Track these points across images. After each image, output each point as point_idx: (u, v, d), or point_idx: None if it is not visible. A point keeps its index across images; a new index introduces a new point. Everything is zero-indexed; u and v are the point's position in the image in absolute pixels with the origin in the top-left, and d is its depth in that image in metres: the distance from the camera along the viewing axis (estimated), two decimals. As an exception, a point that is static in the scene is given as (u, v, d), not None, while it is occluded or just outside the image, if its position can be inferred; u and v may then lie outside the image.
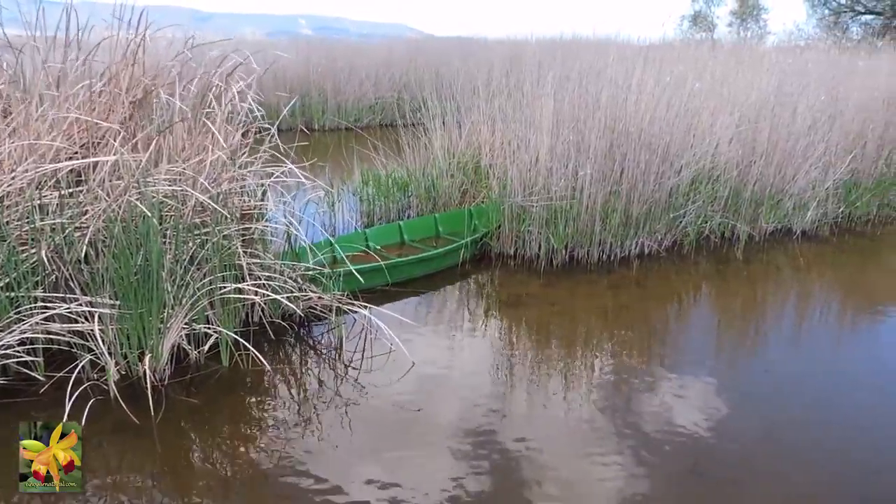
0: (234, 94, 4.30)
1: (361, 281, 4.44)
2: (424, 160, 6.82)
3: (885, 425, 3.58)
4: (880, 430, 3.54)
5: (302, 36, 19.69)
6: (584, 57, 6.62)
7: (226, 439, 3.26)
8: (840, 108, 7.31)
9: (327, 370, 3.94)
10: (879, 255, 6.75)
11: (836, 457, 3.28)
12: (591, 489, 2.97)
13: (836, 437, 3.46)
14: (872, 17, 23.69)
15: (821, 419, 3.64)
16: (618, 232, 5.75)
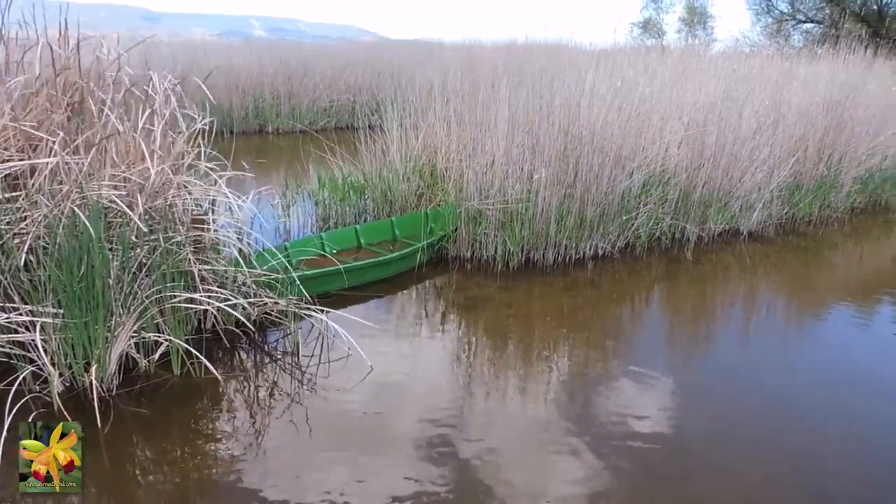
0: (184, 96, 4.20)
1: (315, 287, 4.39)
2: (381, 163, 6.79)
3: (829, 418, 3.72)
4: (826, 422, 3.68)
5: (254, 37, 19.39)
6: (538, 61, 6.70)
7: (178, 450, 3.17)
8: (783, 113, 7.58)
9: (283, 376, 3.88)
10: (821, 254, 7.01)
11: (784, 450, 3.39)
12: (549, 489, 2.99)
13: (784, 430, 3.58)
14: (813, 25, 24.65)
15: (769, 414, 3.75)
16: (572, 234, 5.83)
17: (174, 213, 3.85)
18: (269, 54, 14.47)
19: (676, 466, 3.21)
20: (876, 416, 3.78)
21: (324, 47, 18.75)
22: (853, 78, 8.79)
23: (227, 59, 13.43)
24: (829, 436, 3.55)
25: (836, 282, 6.42)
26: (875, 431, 3.62)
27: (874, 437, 3.57)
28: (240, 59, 13.81)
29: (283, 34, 45.68)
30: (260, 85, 13.61)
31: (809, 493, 3.09)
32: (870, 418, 3.74)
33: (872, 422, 3.71)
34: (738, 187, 6.94)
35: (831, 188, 8.05)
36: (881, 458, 3.39)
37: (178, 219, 3.88)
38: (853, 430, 3.60)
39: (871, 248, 7.50)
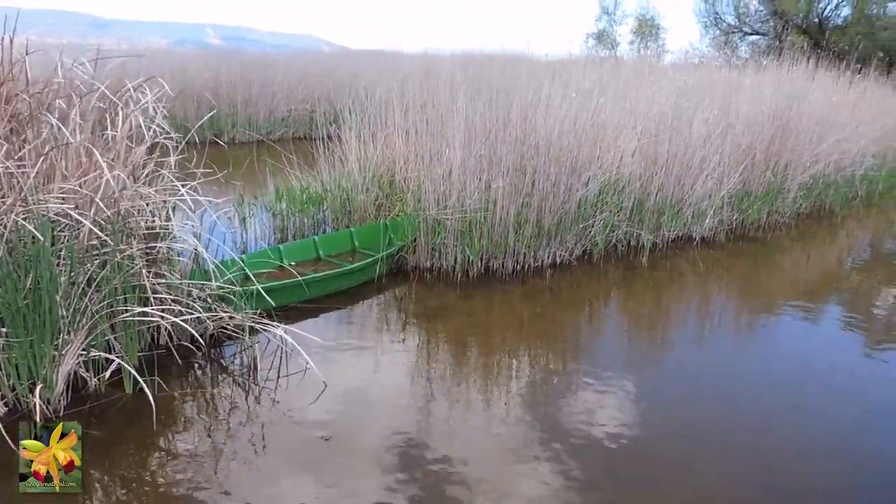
0: (137, 106, 4.11)
1: (273, 299, 4.34)
2: (339, 174, 6.75)
3: (780, 416, 3.84)
4: (777, 420, 3.79)
5: (210, 46, 19.10)
6: (495, 72, 6.77)
7: (130, 471, 3.08)
8: (731, 123, 7.81)
9: (240, 392, 3.81)
10: (770, 258, 7.24)
11: (739, 449, 3.48)
12: (514, 496, 3.00)
13: (739, 429, 3.68)
14: (758, 37, 25.53)
15: (724, 414, 3.85)
16: (531, 242, 5.90)
17: (127, 225, 3.75)
18: (225, 63, 14.27)
19: (637, 468, 3.26)
20: (824, 412, 3.92)
21: (282, 56, 18.59)
22: (797, 88, 9.13)
23: (181, 68, 13.19)
24: (780, 433, 3.66)
25: (785, 284, 6.63)
26: (823, 427, 3.76)
27: (823, 433, 3.69)
28: (195, 67, 13.59)
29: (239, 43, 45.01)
30: (215, 94, 13.39)
31: (764, 489, 3.17)
32: (818, 415, 3.88)
33: (821, 418, 3.84)
34: (690, 194, 7.13)
35: (778, 194, 8.33)
36: (830, 452, 3.51)
37: (131, 231, 3.79)
38: (803, 427, 3.73)
39: (816, 251, 7.77)
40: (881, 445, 3.62)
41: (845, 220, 9.09)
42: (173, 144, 4.32)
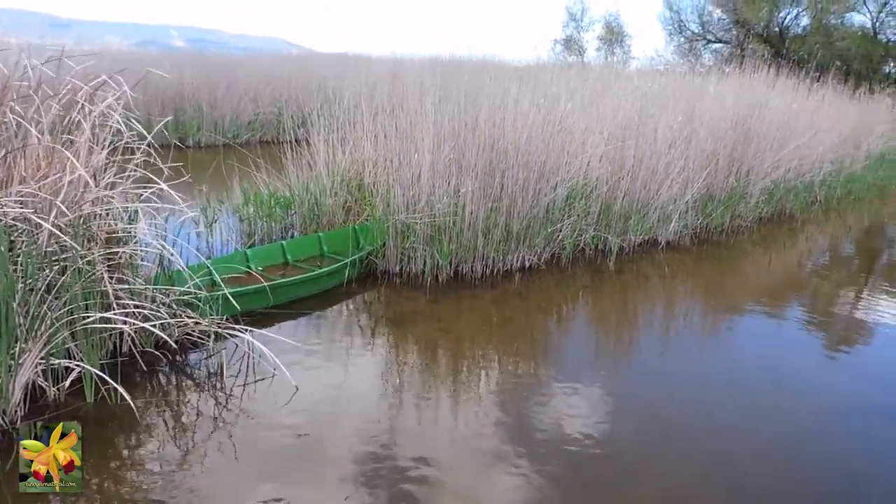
0: (98, 108, 4.01)
1: (240, 305, 4.28)
2: (307, 177, 6.70)
3: (744, 417, 3.91)
4: (741, 421, 3.86)
5: (174, 48, 18.78)
6: (463, 76, 6.80)
7: (93, 483, 3.00)
8: (695, 129, 7.97)
9: (207, 399, 3.74)
10: (733, 262, 7.40)
11: (703, 450, 3.55)
12: (485, 500, 3.00)
13: (703, 431, 3.74)
14: (721, 45, 26.15)
15: (689, 415, 3.92)
16: (500, 247, 5.92)
17: (89, 230, 3.66)
18: (191, 66, 14.05)
19: (605, 470, 3.29)
20: (785, 413, 4.01)
21: (248, 59, 18.39)
22: (758, 95, 9.36)
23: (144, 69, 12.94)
24: (743, 434, 3.73)
25: (747, 287, 6.78)
26: (785, 427, 3.84)
27: (784, 433, 3.78)
28: (158, 69, 13.34)
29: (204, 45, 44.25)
30: (180, 96, 13.19)
31: (727, 489, 3.23)
32: (780, 415, 3.97)
33: (782, 419, 3.93)
34: (655, 199, 7.24)
35: (741, 199, 8.52)
36: (790, 452, 3.59)
37: (93, 235, 3.69)
38: (765, 428, 3.81)
39: (778, 255, 7.97)
40: (838, 445, 3.72)
41: (805, 224, 9.34)
42: (136, 147, 4.23)
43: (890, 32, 22.29)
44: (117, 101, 4.17)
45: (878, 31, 22.30)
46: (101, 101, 4.07)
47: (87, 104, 4.03)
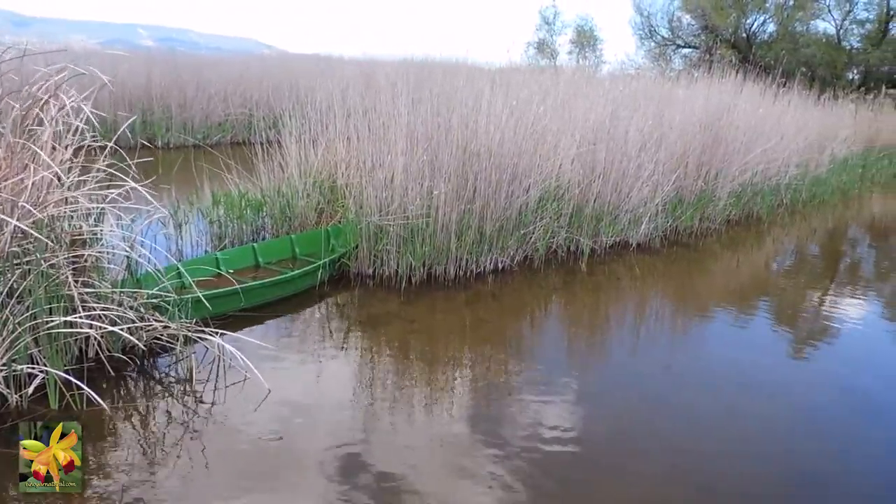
0: (63, 107, 3.92)
1: (210, 308, 4.22)
2: (279, 179, 6.64)
3: (713, 416, 3.98)
4: (710, 421, 3.93)
5: (142, 47, 18.46)
6: (436, 78, 6.80)
7: (59, 493, 2.92)
8: (664, 133, 8.09)
9: (176, 405, 3.67)
10: (702, 263, 7.52)
11: (673, 449, 3.59)
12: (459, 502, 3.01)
13: (673, 430, 3.79)
14: (690, 50, 26.58)
15: (659, 415, 3.96)
16: (473, 249, 5.93)
17: (53, 231, 3.57)
18: (159, 65, 13.84)
19: (577, 472, 3.31)
20: (754, 412, 4.08)
21: (218, 59, 18.16)
22: (726, 100, 9.53)
23: (110, 69, 12.71)
24: (713, 433, 3.79)
25: (716, 288, 6.89)
26: (753, 427, 3.91)
27: (753, 433, 3.84)
28: (125, 69, 13.12)
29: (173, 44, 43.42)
30: (148, 97, 12.98)
31: (697, 487, 3.28)
32: (748, 415, 4.04)
33: (751, 418, 4.00)
34: (626, 201, 7.33)
35: (709, 202, 8.66)
36: (759, 452, 3.65)
37: (58, 237, 3.61)
38: (734, 427, 3.87)
39: (745, 256, 8.12)
40: (804, 443, 3.80)
41: (771, 226, 9.53)
42: (101, 147, 4.14)
43: (853, 40, 22.93)
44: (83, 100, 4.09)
45: (842, 39, 22.91)
46: (65, 100, 3.98)
47: (51, 101, 3.93)
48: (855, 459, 3.64)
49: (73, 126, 3.99)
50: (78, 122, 4.02)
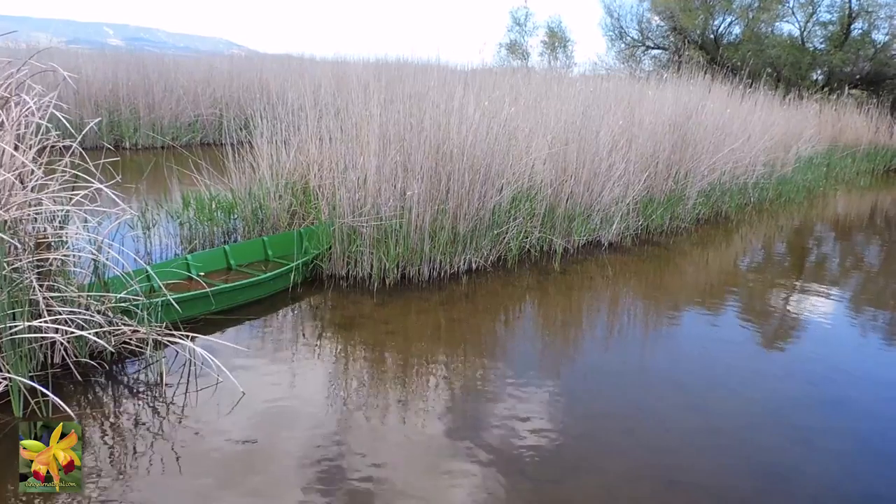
0: (26, 106, 3.83)
1: (180, 311, 4.16)
2: (251, 180, 6.57)
3: (681, 412, 4.04)
4: (678, 417, 3.98)
5: (109, 46, 18.09)
6: (408, 80, 6.80)
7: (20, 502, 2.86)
8: (635, 133, 8.19)
9: (146, 410, 3.61)
10: (672, 262, 7.62)
11: (642, 446, 3.63)
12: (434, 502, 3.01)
13: (643, 427, 3.84)
14: (660, 51, 26.94)
15: (629, 412, 4.01)
16: (446, 249, 5.94)
17: (16, 235, 3.49)
18: (126, 65, 13.59)
19: (550, 470, 3.33)
20: (720, 408, 4.15)
21: (188, 59, 17.90)
22: (694, 100, 9.69)
23: (75, 69, 12.47)
24: (681, 429, 3.85)
25: (686, 285, 7.00)
26: (721, 421, 3.98)
27: (720, 427, 3.91)
28: (91, 68, 12.87)
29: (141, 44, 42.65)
30: (115, 97, 12.75)
31: (665, 484, 3.32)
32: (716, 411, 4.11)
33: (718, 414, 4.07)
34: (598, 201, 7.41)
35: (679, 201, 8.79)
36: (726, 445, 3.72)
37: (21, 241, 3.52)
38: (702, 423, 3.93)
39: (715, 254, 8.25)
40: (771, 436, 3.87)
41: (740, 224, 9.71)
42: (66, 147, 4.06)
43: (817, 41, 23.42)
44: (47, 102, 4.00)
45: (806, 40, 23.40)
46: (27, 99, 3.89)
47: (13, 100, 3.84)
48: (818, 451, 3.73)
49: (36, 126, 3.90)
50: (42, 121, 3.93)
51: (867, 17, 22.22)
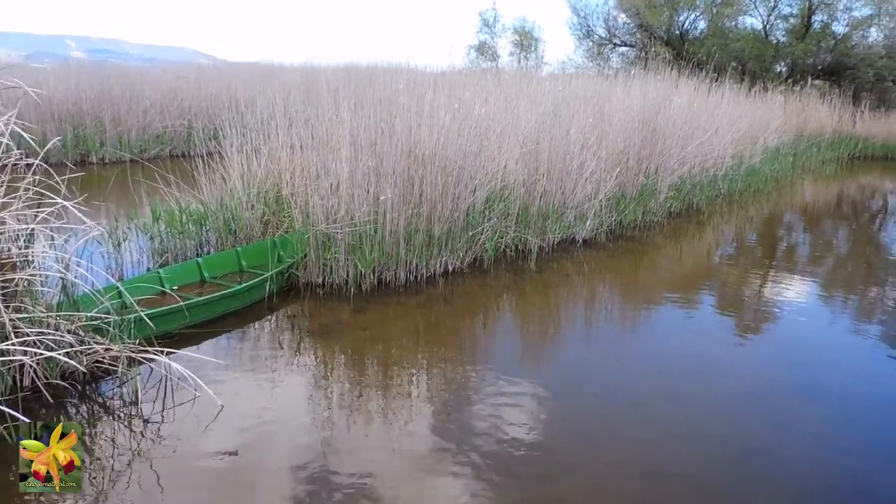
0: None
1: (154, 327, 4.09)
2: (222, 191, 6.48)
3: (661, 404, 4.07)
4: (658, 408, 4.02)
5: (72, 59, 17.74)
6: (378, 84, 6.78)
7: None
8: (605, 130, 8.26)
9: (122, 429, 3.54)
10: (646, 256, 7.70)
11: (624, 438, 3.67)
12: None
13: (624, 420, 3.87)
14: (627, 48, 27.24)
15: (610, 405, 4.04)
16: (422, 252, 5.93)
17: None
18: (90, 78, 13.34)
19: (534, 467, 3.34)
20: (698, 398, 4.21)
21: (153, 70, 17.64)
22: (662, 96, 9.80)
23: (36, 84, 12.22)
24: (661, 420, 3.88)
25: (661, 279, 7.07)
26: (699, 412, 4.04)
27: (698, 417, 3.97)
28: (53, 82, 12.61)
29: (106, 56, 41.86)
30: (79, 111, 12.52)
31: (647, 474, 3.35)
32: (693, 401, 4.16)
33: (695, 404, 4.13)
34: (571, 199, 7.46)
35: (651, 195, 8.89)
36: (704, 434, 3.77)
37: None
38: (681, 413, 3.98)
39: (688, 247, 8.36)
40: (747, 424, 3.93)
41: (711, 216, 9.85)
42: (29, 164, 3.96)
43: (779, 34, 23.89)
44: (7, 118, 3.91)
45: (769, 33, 23.86)
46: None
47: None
48: (793, 436, 3.79)
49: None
50: (2, 138, 3.84)
51: (826, 9, 22.75)
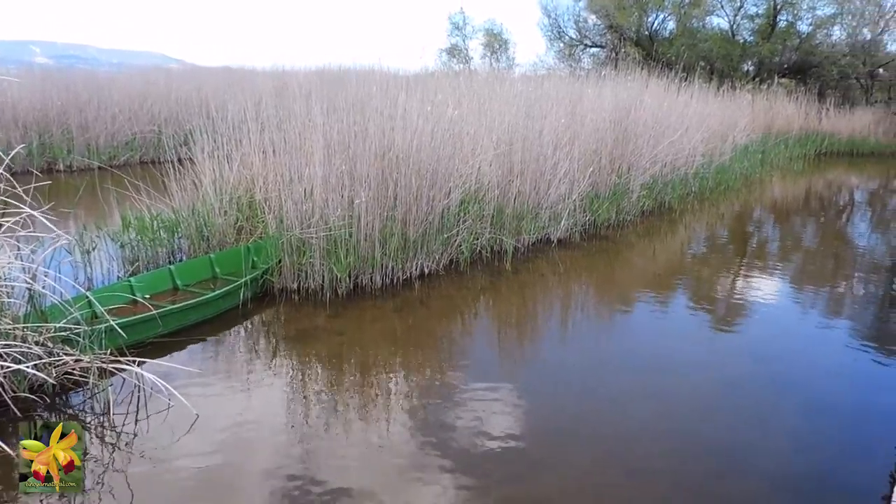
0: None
1: (127, 336, 4.03)
2: (193, 197, 6.40)
3: (638, 400, 4.12)
4: (635, 405, 4.06)
5: (36, 65, 17.37)
6: (350, 87, 6.75)
7: None
8: (577, 130, 8.33)
9: (94, 441, 3.47)
10: (620, 254, 7.78)
11: (602, 435, 3.70)
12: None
13: (601, 417, 3.91)
14: (598, 49, 27.50)
15: (588, 404, 4.08)
16: (397, 256, 5.92)
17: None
18: (55, 84, 13.08)
19: (513, 467, 3.35)
20: (673, 395, 4.26)
21: (121, 75, 17.35)
22: (633, 95, 9.92)
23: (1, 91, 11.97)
24: (638, 416, 3.93)
25: (636, 276, 7.15)
26: (676, 407, 4.08)
27: (675, 412, 4.02)
28: (17, 89, 12.35)
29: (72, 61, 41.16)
30: (45, 118, 12.27)
31: (626, 470, 3.39)
32: (669, 398, 4.21)
33: (671, 401, 4.17)
34: (545, 199, 7.50)
35: (624, 195, 8.98)
36: (682, 429, 3.82)
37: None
38: (658, 409, 4.03)
39: (661, 244, 8.46)
40: (724, 417, 3.99)
41: (683, 214, 9.98)
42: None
43: (746, 34, 24.33)
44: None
45: (736, 33, 24.29)
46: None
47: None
48: (769, 428, 3.86)
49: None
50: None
51: (791, 8, 23.22)
